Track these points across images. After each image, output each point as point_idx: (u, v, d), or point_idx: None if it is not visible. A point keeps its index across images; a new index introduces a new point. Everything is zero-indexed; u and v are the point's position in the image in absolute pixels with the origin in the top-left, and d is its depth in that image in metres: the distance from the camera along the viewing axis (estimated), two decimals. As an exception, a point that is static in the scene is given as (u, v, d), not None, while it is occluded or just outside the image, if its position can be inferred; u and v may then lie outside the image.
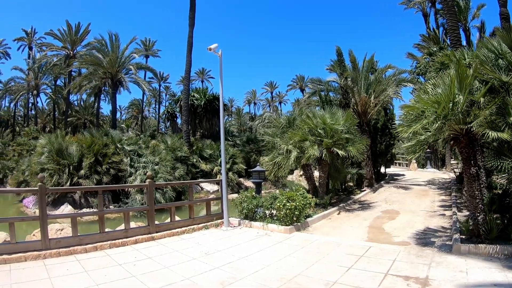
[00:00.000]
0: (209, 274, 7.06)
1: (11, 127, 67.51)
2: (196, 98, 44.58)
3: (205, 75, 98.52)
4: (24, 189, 21.11)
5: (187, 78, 36.56)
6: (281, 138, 16.03)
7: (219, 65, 12.48)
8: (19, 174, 29.27)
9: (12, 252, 7.94)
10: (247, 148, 39.79)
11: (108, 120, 69.88)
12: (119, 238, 9.58)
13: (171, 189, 22.45)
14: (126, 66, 41.42)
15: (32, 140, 44.63)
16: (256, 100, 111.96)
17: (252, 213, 12.27)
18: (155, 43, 72.73)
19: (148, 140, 30.45)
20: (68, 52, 51.67)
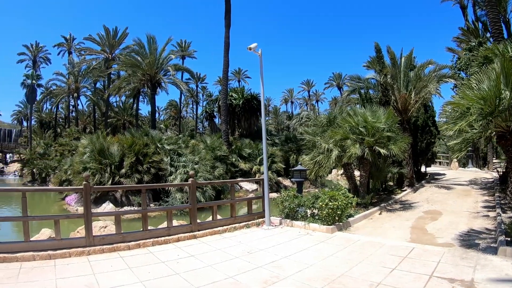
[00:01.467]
0: (252, 273, 7.09)
1: (52, 128, 69.61)
2: (234, 98, 44.78)
3: (241, 75, 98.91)
4: (69, 188, 21.68)
5: (225, 78, 36.84)
6: (321, 137, 15.87)
7: (259, 64, 12.45)
8: (62, 173, 30.09)
9: (57, 248, 8.24)
10: (286, 147, 39.57)
11: (146, 121, 70.94)
12: (161, 236, 9.74)
13: (210, 188, 22.61)
14: (164, 67, 41.86)
15: (74, 141, 45.82)
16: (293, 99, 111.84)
17: (293, 212, 12.21)
18: (190, 44, 73.26)
19: (188, 140, 30.69)
20: (107, 55, 53.00)
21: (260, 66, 12.49)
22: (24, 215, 8.36)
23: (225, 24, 35.25)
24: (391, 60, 22.10)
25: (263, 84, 12.60)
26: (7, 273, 6.93)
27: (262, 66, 12.50)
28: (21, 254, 7.78)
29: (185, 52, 68.56)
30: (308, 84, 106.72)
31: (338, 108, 18.31)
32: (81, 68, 59.25)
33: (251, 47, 11.88)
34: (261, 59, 12.40)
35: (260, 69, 12.51)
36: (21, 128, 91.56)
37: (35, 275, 6.87)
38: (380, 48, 22.95)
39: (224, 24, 35.39)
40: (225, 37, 35.18)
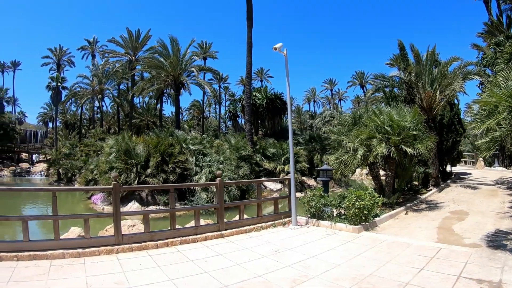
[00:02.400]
0: (280, 272, 7.11)
1: (77, 129, 70.73)
2: (258, 98, 44.83)
3: (264, 75, 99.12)
4: (99, 188, 21.97)
5: (249, 78, 36.84)
6: (346, 136, 15.76)
7: (285, 64, 12.38)
8: (88, 173, 30.48)
9: (86, 246, 8.41)
10: (310, 146, 39.22)
11: (170, 121, 71.39)
12: (189, 235, 9.84)
13: (235, 188, 22.66)
14: (187, 68, 42.16)
15: (99, 141, 46.44)
16: (316, 98, 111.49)
17: (319, 212, 12.19)
18: (212, 45, 73.56)
19: (212, 140, 30.90)
20: (131, 57, 53.58)
21: (286, 66, 12.43)
22: (55, 214, 8.55)
23: (247, 24, 35.33)
24: (415, 58, 21.84)
25: (289, 84, 12.57)
26: (38, 271, 7.10)
27: (287, 66, 12.43)
28: (51, 252, 7.97)
29: (207, 53, 68.95)
30: (330, 83, 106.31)
31: (363, 107, 18.06)
32: (105, 70, 59.98)
33: (276, 47, 11.84)
34: (286, 59, 12.33)
35: (286, 69, 12.44)
36: (47, 129, 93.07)
37: (65, 273, 7.03)
38: (404, 46, 22.72)
39: (246, 24, 35.50)
40: (248, 38, 35.29)
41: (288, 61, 12.28)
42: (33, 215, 18.48)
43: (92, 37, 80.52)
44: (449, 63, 21.48)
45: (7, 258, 7.68)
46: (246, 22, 35.44)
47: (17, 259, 7.70)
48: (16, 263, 7.52)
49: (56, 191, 9.03)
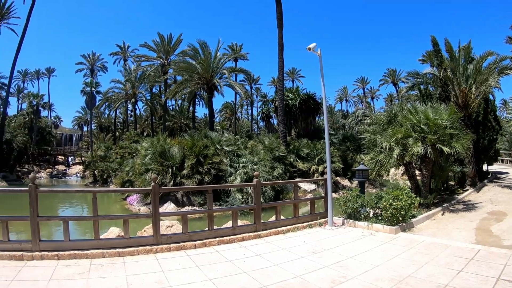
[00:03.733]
0: (319, 273, 7.07)
1: (112, 132, 72.08)
2: (291, 98, 44.52)
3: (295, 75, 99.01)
4: (138, 189, 22.22)
5: (281, 78, 36.78)
6: (382, 135, 15.55)
7: (319, 64, 12.25)
8: (123, 174, 31.06)
9: (125, 246, 8.58)
10: (343, 146, 38.87)
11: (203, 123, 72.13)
12: (226, 235, 9.87)
13: (270, 188, 22.58)
14: (219, 70, 42.35)
15: (133, 144, 47.03)
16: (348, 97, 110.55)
17: (356, 212, 12.08)
18: (242, 46, 74.01)
19: (246, 141, 30.92)
20: (163, 61, 54.34)
21: (320, 66, 12.30)
22: (95, 214, 8.74)
23: (278, 25, 35.25)
24: (448, 53, 21.33)
25: (324, 84, 12.45)
26: (78, 269, 7.27)
27: (322, 66, 12.29)
28: (91, 251, 8.17)
29: (238, 54, 69.13)
30: (362, 81, 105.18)
31: (398, 106, 17.70)
32: (137, 74, 60.80)
33: (310, 47, 11.76)
34: (320, 59, 12.20)
35: (320, 69, 12.31)
36: (82, 132, 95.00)
37: (105, 271, 7.18)
38: (437, 42, 22.17)
39: (276, 25, 35.40)
40: (279, 38, 35.24)
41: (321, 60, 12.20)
42: (74, 216, 18.86)
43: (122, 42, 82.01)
44: (484, 58, 20.85)
45: (48, 257, 7.91)
46: (277, 22, 35.35)
47: (58, 258, 7.92)
48: (57, 262, 7.73)
49: (96, 192, 9.27)
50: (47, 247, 8.20)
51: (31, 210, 8.18)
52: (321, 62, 12.28)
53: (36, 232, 8.14)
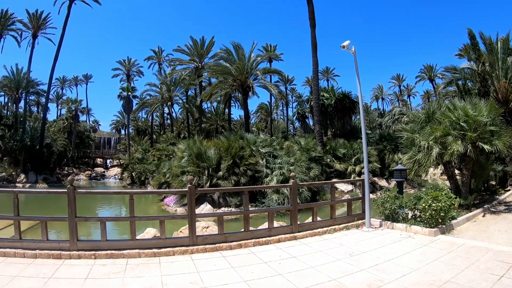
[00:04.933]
0: (355, 276, 6.91)
1: (149, 135, 73.06)
2: (326, 98, 44.09)
3: (329, 74, 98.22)
4: (174, 190, 22.41)
5: (316, 78, 36.57)
6: (420, 133, 15.15)
7: (354, 62, 11.98)
8: (161, 176, 31.52)
9: (161, 246, 8.65)
10: (380, 146, 38.24)
11: (238, 125, 72.37)
12: (262, 236, 9.78)
13: (306, 189, 22.41)
14: (253, 72, 42.30)
15: (170, 146, 47.56)
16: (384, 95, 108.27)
17: (394, 214, 11.75)
18: (276, 47, 73.70)
19: (282, 142, 30.92)
20: (197, 64, 54.88)
21: (355, 64, 12.02)
22: (132, 215, 8.85)
23: (310, 24, 34.97)
24: (486, 47, 20.65)
25: (360, 82, 12.21)
26: (115, 269, 7.39)
27: (357, 64, 12.01)
28: (128, 251, 8.29)
29: (272, 55, 69.02)
30: (398, 78, 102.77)
31: (436, 102, 17.19)
32: (172, 78, 61.54)
33: (344, 45, 11.53)
34: (355, 56, 11.91)
35: (356, 67, 12.05)
36: (119, 136, 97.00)
37: (141, 271, 7.27)
38: (474, 34, 21.50)
39: (309, 24, 35.13)
40: (312, 37, 34.96)
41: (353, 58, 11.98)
42: (111, 217, 19.19)
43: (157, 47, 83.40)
44: (524, 50, 20.16)
45: (85, 256, 8.08)
46: (309, 22, 35.08)
47: (95, 257, 8.07)
48: (94, 261, 7.88)
49: (133, 194, 9.34)
50: (84, 247, 8.37)
51: (69, 211, 8.36)
52: (356, 60, 11.99)
53: (74, 232, 8.31)
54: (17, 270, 7.17)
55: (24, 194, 22.75)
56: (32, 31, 62.05)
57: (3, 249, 8.22)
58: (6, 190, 19.01)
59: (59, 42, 54.25)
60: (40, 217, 9.11)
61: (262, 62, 46.16)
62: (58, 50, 54.19)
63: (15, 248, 8.27)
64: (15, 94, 58.45)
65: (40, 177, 49.97)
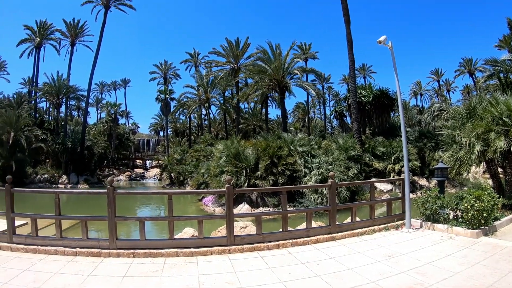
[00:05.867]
0: (394, 279, 6.75)
1: (187, 136, 74.10)
2: (363, 95, 43.44)
3: (366, 71, 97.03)
4: (212, 191, 22.47)
5: (352, 76, 36.29)
6: (461, 130, 14.70)
7: (391, 57, 11.63)
8: (199, 176, 31.81)
9: (199, 246, 8.71)
10: (420, 143, 37.39)
11: (276, 124, 72.26)
12: (300, 237, 9.67)
13: (345, 189, 22.14)
14: (290, 71, 42.13)
15: (208, 147, 47.93)
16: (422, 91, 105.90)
17: (435, 214, 11.34)
18: (311, 45, 73.32)
19: (320, 141, 30.67)
20: (233, 65, 55.18)
21: (393, 59, 11.68)
22: (170, 215, 8.95)
23: (345, 20, 34.68)
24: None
25: (398, 77, 11.94)
26: (153, 267, 7.53)
27: (394, 59, 11.66)
28: (166, 251, 8.41)
29: (307, 54, 68.72)
30: (436, 73, 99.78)
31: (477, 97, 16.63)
32: (209, 79, 62.18)
33: (380, 40, 11.25)
34: (392, 52, 11.59)
35: (393, 62, 11.69)
36: (158, 137, 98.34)
37: (178, 270, 7.36)
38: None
39: (343, 20, 34.83)
40: (347, 34, 34.63)
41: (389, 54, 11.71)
42: (150, 216, 19.45)
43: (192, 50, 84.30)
44: None
45: (124, 255, 8.29)
46: (343, 18, 34.80)
47: (133, 256, 8.27)
48: (132, 260, 8.07)
49: (171, 194, 9.41)
50: (123, 245, 8.57)
51: (109, 210, 8.56)
52: (393, 55, 11.66)
53: (113, 231, 8.51)
54: (58, 267, 7.47)
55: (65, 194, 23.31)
56: (70, 39, 65.47)
57: (44, 247, 8.57)
58: (48, 190, 19.83)
59: (96, 49, 56.91)
60: (80, 216, 9.40)
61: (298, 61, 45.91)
62: (96, 57, 56.87)
63: (56, 246, 8.59)
64: (56, 100, 60.57)
65: (82, 178, 51.81)
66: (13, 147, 45.85)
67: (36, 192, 21.05)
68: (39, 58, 66.16)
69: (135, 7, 60.16)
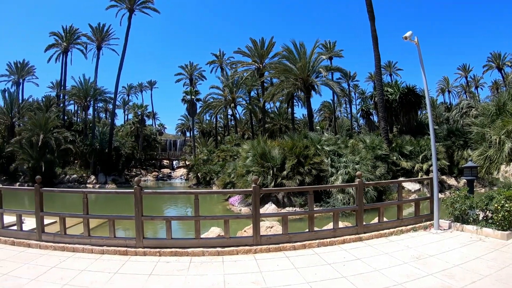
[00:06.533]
0: (422, 281, 6.60)
1: (213, 136, 74.73)
2: (390, 93, 42.78)
3: (392, 68, 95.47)
4: (239, 190, 22.54)
5: (378, 73, 35.82)
6: (490, 127, 14.35)
7: (418, 53, 11.37)
8: (225, 176, 31.91)
9: (225, 245, 8.76)
10: (448, 141, 36.21)
11: (302, 124, 72.12)
12: (327, 237, 9.58)
13: (372, 189, 21.82)
14: (315, 70, 41.93)
15: (234, 147, 48.28)
16: (450, 88, 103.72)
17: (464, 214, 10.98)
18: (336, 43, 72.92)
19: (347, 140, 30.40)
20: (258, 65, 55.69)
21: (419, 55, 11.42)
22: (196, 215, 9.04)
23: (369, 17, 34.21)
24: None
25: (425, 74, 11.71)
26: (178, 266, 7.63)
27: (421, 55, 11.40)
28: (192, 250, 8.49)
29: (332, 53, 68.34)
30: (464, 69, 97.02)
31: (507, 93, 16.17)
32: (234, 80, 62.53)
33: (406, 36, 11.01)
34: (418, 47, 11.32)
35: (420, 58, 11.43)
36: (185, 138, 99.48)
37: (204, 269, 7.42)
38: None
39: (368, 17, 34.40)
40: (371, 31, 34.16)
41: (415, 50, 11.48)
42: (176, 216, 19.65)
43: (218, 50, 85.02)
44: None
45: (150, 253, 8.42)
46: (368, 15, 34.32)
47: (160, 254, 8.38)
48: (159, 258, 8.18)
49: (198, 194, 9.49)
50: (149, 244, 8.70)
51: (136, 210, 8.69)
52: (420, 51, 11.40)
53: (140, 230, 8.63)
54: (85, 265, 7.68)
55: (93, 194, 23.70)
56: (96, 43, 67.40)
57: (72, 245, 8.82)
58: (76, 190, 20.26)
59: (122, 52, 58.29)
60: (108, 215, 9.66)
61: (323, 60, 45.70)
62: (122, 59, 58.27)
63: (83, 244, 8.82)
64: (84, 102, 62.31)
65: (109, 178, 53.11)
66: (43, 148, 47.38)
67: (65, 192, 21.60)
68: (66, 62, 68.49)
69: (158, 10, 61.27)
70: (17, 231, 9.80)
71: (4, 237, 9.56)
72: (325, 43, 71.57)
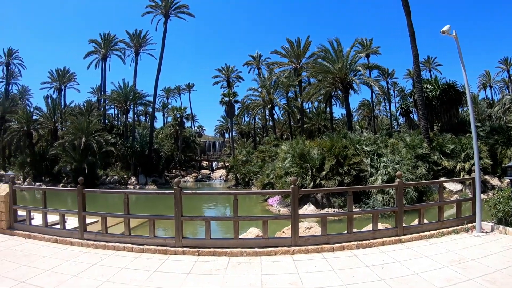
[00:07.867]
0: (462, 286, 6.44)
1: (252, 137, 75.14)
2: (430, 90, 41.62)
3: (431, 64, 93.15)
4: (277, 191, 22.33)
5: (417, 70, 35.12)
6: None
7: (457, 47, 11.04)
8: (264, 177, 32.15)
9: (263, 246, 8.84)
10: (491, 139, 35.06)
11: (341, 123, 71.53)
12: (366, 239, 9.48)
13: (412, 189, 21.54)
14: (353, 68, 41.41)
15: (273, 147, 48.14)
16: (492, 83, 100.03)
17: (507, 217, 10.53)
18: (372, 41, 72.09)
19: (386, 139, 30.02)
20: (295, 65, 55.69)
21: (458, 49, 11.07)
22: (235, 215, 9.13)
23: (405, 12, 33.48)
24: None
25: (465, 69, 11.32)
26: (216, 266, 7.76)
27: (460, 49, 11.05)
28: (230, 250, 8.59)
29: (369, 50, 67.31)
30: (506, 62, 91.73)
31: None
32: (272, 81, 62.85)
33: (444, 31, 10.73)
34: (457, 41, 10.98)
35: (459, 53, 11.09)
36: (223, 139, 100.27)
37: (242, 270, 7.51)
38: None
39: (404, 12, 33.68)
40: (408, 26, 33.48)
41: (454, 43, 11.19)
42: (215, 216, 20.02)
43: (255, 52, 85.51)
44: None
45: (189, 253, 8.61)
46: (403, 9, 33.63)
47: (198, 254, 8.56)
48: (197, 258, 8.36)
49: (237, 194, 9.56)
50: (188, 244, 8.88)
51: (176, 210, 8.88)
52: (459, 45, 11.06)
53: (180, 230, 8.83)
54: (125, 263, 7.97)
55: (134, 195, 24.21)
56: (134, 49, 69.65)
57: (113, 244, 9.14)
58: (117, 191, 20.88)
59: (160, 56, 60.18)
60: (148, 215, 9.96)
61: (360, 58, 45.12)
62: (160, 64, 60.14)
63: (124, 243, 9.13)
64: (124, 106, 63.91)
65: (150, 179, 54.39)
66: (85, 151, 49.13)
67: (106, 192, 22.25)
68: (105, 68, 71.29)
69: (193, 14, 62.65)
70: (60, 229, 10.22)
71: (47, 235, 10.01)
72: (362, 41, 70.64)
